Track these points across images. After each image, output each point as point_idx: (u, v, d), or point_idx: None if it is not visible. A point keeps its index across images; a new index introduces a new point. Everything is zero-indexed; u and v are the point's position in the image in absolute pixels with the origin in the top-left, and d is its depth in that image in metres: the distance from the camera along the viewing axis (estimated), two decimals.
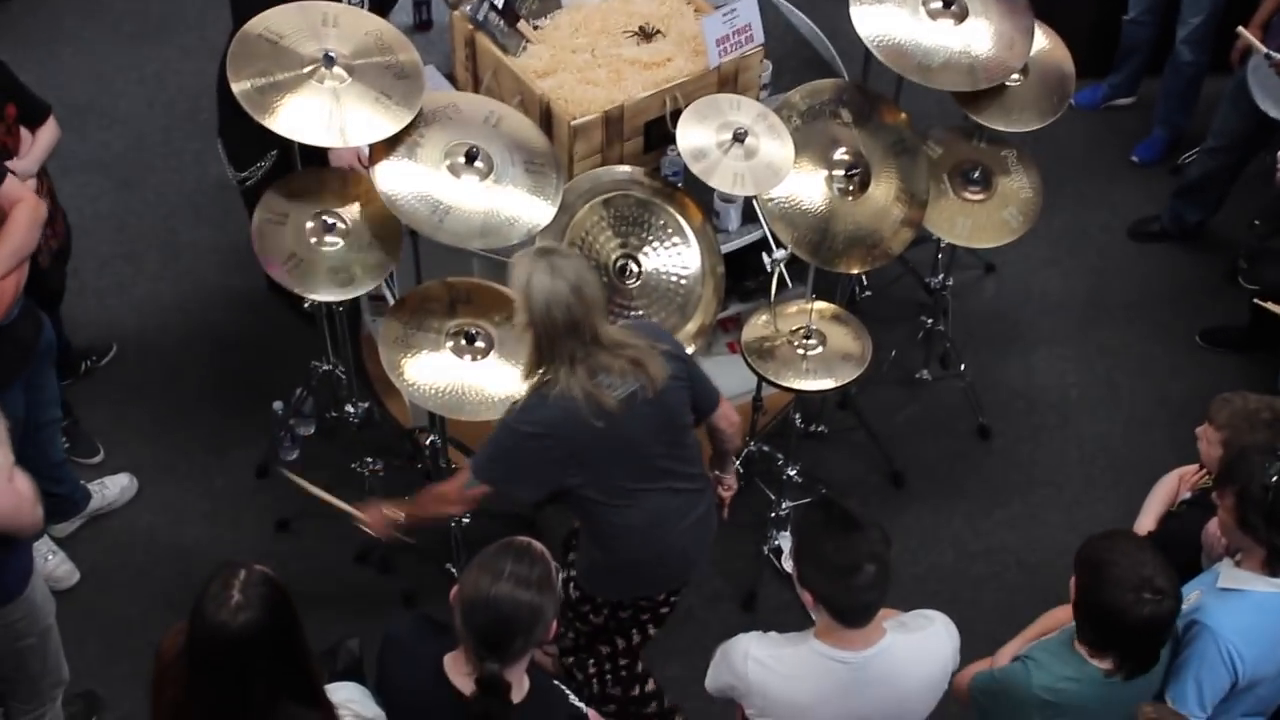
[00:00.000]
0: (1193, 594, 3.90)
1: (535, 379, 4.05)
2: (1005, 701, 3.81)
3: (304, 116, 4.54)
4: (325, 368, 5.44)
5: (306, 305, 5.17)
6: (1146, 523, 4.49)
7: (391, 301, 4.96)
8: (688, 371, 4.21)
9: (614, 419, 4.00)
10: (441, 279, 4.81)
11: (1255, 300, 5.20)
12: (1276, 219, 5.36)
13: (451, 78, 5.42)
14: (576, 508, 4.28)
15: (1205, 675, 3.76)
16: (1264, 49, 5.84)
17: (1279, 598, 3.77)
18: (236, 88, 4.53)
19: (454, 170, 4.66)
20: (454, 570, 5.31)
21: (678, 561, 4.43)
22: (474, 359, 4.68)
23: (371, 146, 4.67)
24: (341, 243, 4.72)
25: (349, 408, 5.34)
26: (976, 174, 5.38)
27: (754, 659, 3.63)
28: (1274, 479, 3.64)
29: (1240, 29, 6.01)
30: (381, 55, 4.71)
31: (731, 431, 4.46)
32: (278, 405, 5.77)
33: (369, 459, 5.39)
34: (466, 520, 5.25)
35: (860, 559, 3.45)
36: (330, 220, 4.74)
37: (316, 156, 5.04)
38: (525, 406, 4.05)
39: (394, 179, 4.62)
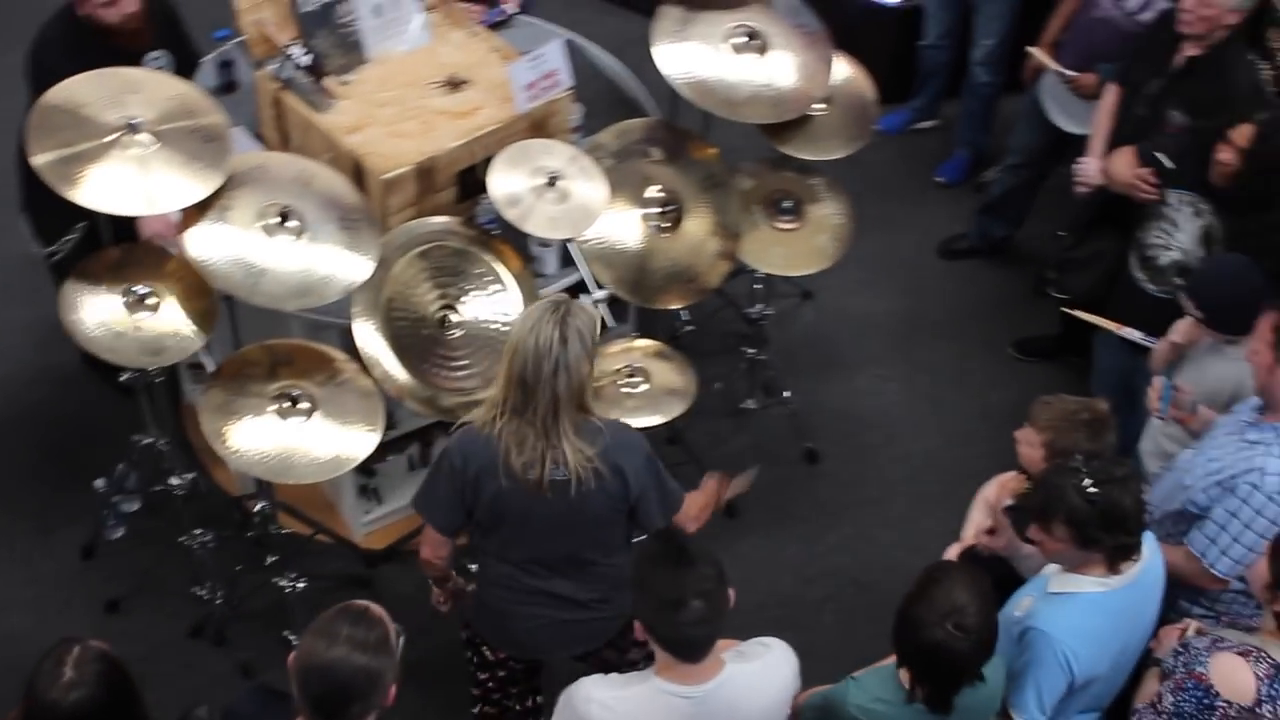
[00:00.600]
0: (1024, 600, 3.99)
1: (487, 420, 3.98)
2: (825, 718, 3.85)
3: (110, 186, 4.47)
4: (147, 441, 5.32)
5: (123, 378, 5.06)
6: (971, 532, 4.59)
7: (210, 369, 4.87)
8: (636, 479, 4.03)
9: (513, 488, 3.95)
10: (261, 342, 4.75)
11: (1064, 309, 5.34)
12: (1082, 230, 5.52)
13: (260, 138, 5.35)
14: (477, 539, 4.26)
15: (1044, 679, 3.85)
16: (1054, 65, 6.05)
17: (1107, 596, 3.86)
18: (37, 160, 4.44)
19: (267, 231, 4.61)
20: (291, 637, 5.22)
21: (517, 635, 4.36)
22: (299, 420, 4.61)
23: (182, 212, 4.59)
24: (155, 314, 4.62)
25: (174, 480, 5.23)
26: (787, 203, 5.46)
27: (596, 701, 3.60)
28: (1090, 489, 3.73)
29: (1030, 48, 6.21)
30: (187, 119, 4.64)
31: (697, 525, 4.38)
32: (100, 482, 5.63)
33: (198, 531, 5.28)
34: (303, 584, 5.18)
35: (686, 594, 3.44)
36: (143, 291, 4.64)
37: (126, 226, 4.94)
38: (458, 438, 4.04)
39: (206, 244, 4.55)
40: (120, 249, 4.75)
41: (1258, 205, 4.81)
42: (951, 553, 4.53)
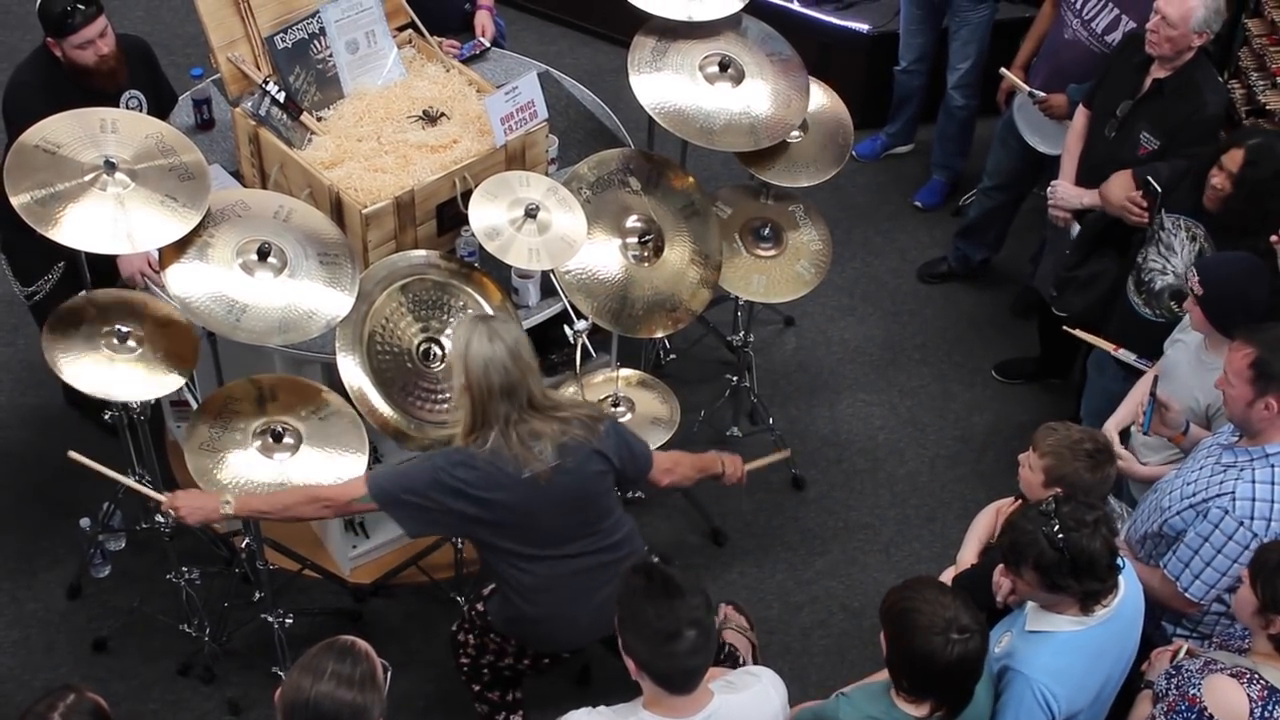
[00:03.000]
0: (1003, 638, 3.95)
1: (466, 442, 4.16)
2: None
3: (88, 225, 4.46)
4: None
5: (108, 416, 5.04)
6: (968, 556, 4.57)
7: (194, 405, 4.86)
8: (613, 452, 4.30)
9: (525, 487, 4.12)
10: (246, 377, 4.74)
11: (1065, 328, 5.34)
12: (1085, 248, 5.53)
13: (238, 175, 5.36)
14: (486, 553, 4.36)
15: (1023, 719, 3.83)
16: (1026, 88, 6.08)
17: (1084, 634, 3.82)
18: (16, 201, 4.44)
19: (247, 268, 4.61)
20: (280, 673, 5.20)
21: (567, 630, 4.49)
22: (284, 455, 4.60)
23: (161, 250, 4.59)
24: (136, 352, 4.61)
25: (159, 517, 5.19)
26: (767, 231, 5.48)
27: None
28: (1058, 535, 3.72)
29: (1003, 70, 6.25)
30: (164, 157, 4.65)
31: (672, 481, 4.64)
32: (85, 522, 5.61)
33: (184, 568, 5.26)
34: (290, 620, 5.16)
35: (681, 625, 3.43)
36: (124, 329, 4.63)
37: (105, 265, 4.94)
38: (453, 460, 4.14)
39: (186, 281, 4.55)
40: (100, 288, 4.74)
41: (1247, 230, 4.81)
42: (946, 577, 4.51)
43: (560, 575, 4.36)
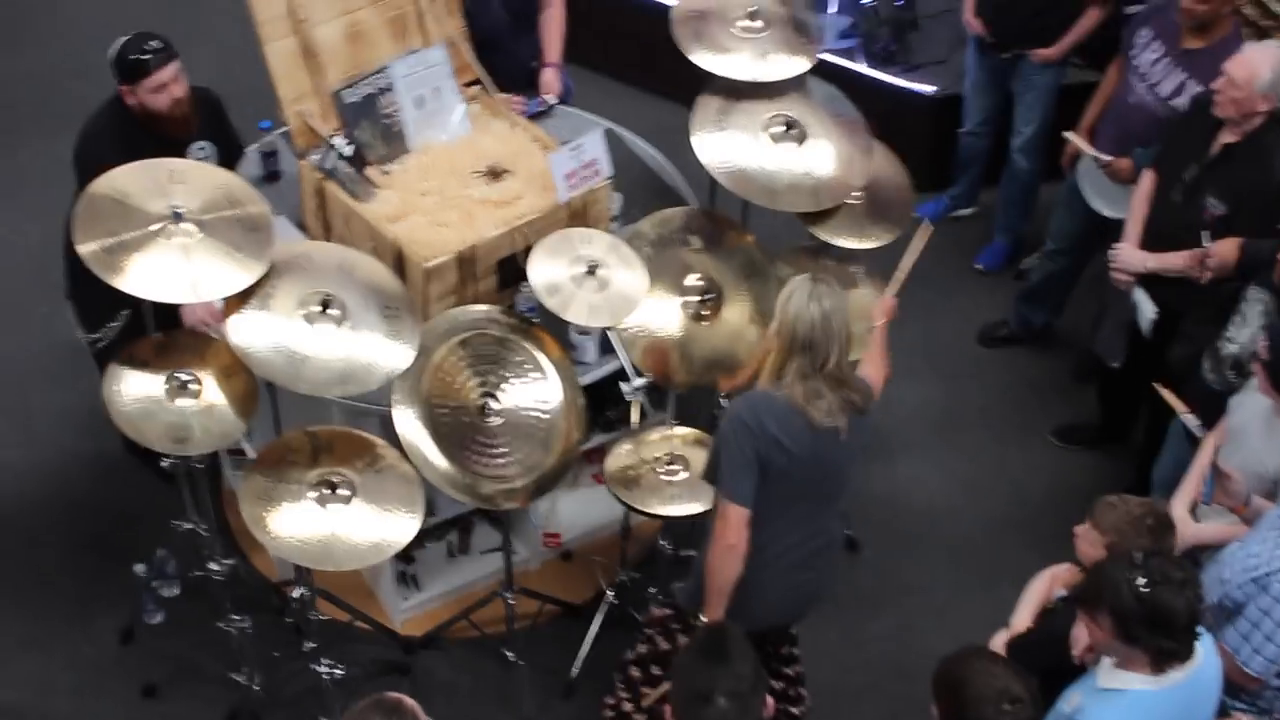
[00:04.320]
0: (1073, 695, 3.93)
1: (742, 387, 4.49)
2: None
3: (154, 274, 4.50)
4: (187, 526, 5.32)
5: (165, 464, 5.08)
6: (1022, 620, 4.54)
7: (251, 455, 4.89)
8: (868, 433, 4.61)
9: (810, 440, 4.32)
10: (302, 428, 4.77)
11: (1154, 384, 5.28)
12: (1204, 312, 5.49)
13: (303, 227, 5.41)
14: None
15: None
16: (1092, 151, 6.06)
17: (1157, 695, 3.78)
18: (83, 249, 4.48)
19: (309, 319, 4.64)
20: None
21: (781, 599, 4.64)
22: (338, 507, 4.62)
23: (224, 300, 4.63)
24: (196, 400, 4.65)
25: (213, 565, 5.23)
26: None
27: None
28: (1142, 587, 3.68)
29: (1068, 134, 6.23)
30: (230, 208, 4.69)
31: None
32: (140, 568, 5.65)
33: (236, 616, 5.28)
34: (340, 671, 5.16)
35: (714, 691, 3.39)
36: (185, 377, 4.67)
37: (170, 314, 4.98)
38: (752, 401, 4.36)
39: (248, 331, 4.58)
40: (164, 335, 4.79)
41: None
42: (998, 641, 4.48)
43: (785, 543, 4.52)
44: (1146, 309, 5.61)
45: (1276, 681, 4.24)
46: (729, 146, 5.31)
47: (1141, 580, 3.67)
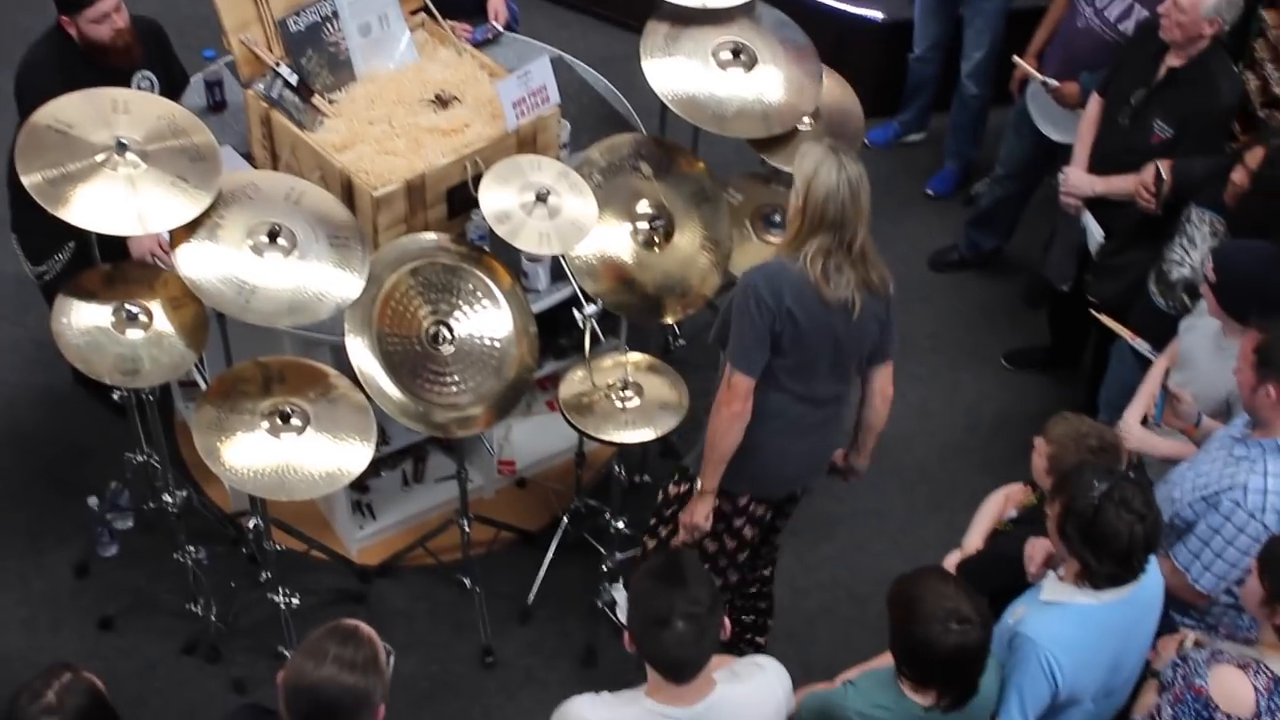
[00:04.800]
0: (1018, 608, 3.99)
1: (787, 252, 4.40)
2: None
3: (99, 206, 4.47)
4: (140, 459, 5.33)
5: (116, 396, 5.06)
6: (974, 541, 4.59)
7: (203, 386, 4.88)
8: (888, 315, 4.57)
9: (823, 314, 4.35)
10: (253, 359, 4.76)
11: (1092, 311, 5.33)
12: (1123, 238, 5.52)
13: (249, 157, 5.37)
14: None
15: (1026, 685, 3.85)
16: (1040, 76, 6.07)
17: (1097, 610, 3.85)
18: (27, 180, 4.45)
19: (257, 249, 4.62)
20: (285, 653, 5.22)
21: (796, 466, 4.74)
22: (292, 437, 4.62)
23: (172, 231, 4.60)
24: (145, 332, 4.63)
25: (167, 497, 5.23)
26: (777, 217, 5.47)
27: None
28: (1097, 499, 3.74)
29: (1017, 59, 6.24)
30: (176, 139, 4.66)
31: (881, 407, 4.78)
32: (93, 501, 5.64)
33: (191, 548, 5.29)
34: (297, 600, 5.18)
35: (672, 614, 3.40)
36: (134, 309, 4.65)
37: (116, 246, 4.95)
38: (769, 273, 4.37)
39: (197, 262, 4.56)
40: (111, 266, 4.76)
41: (1260, 230, 4.78)
42: (950, 562, 4.54)
43: (800, 413, 4.59)
44: (1095, 232, 5.64)
45: (1226, 598, 4.31)
46: (678, 73, 5.30)
47: (1101, 490, 3.72)
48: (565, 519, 5.67)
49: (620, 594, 5.51)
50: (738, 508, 4.76)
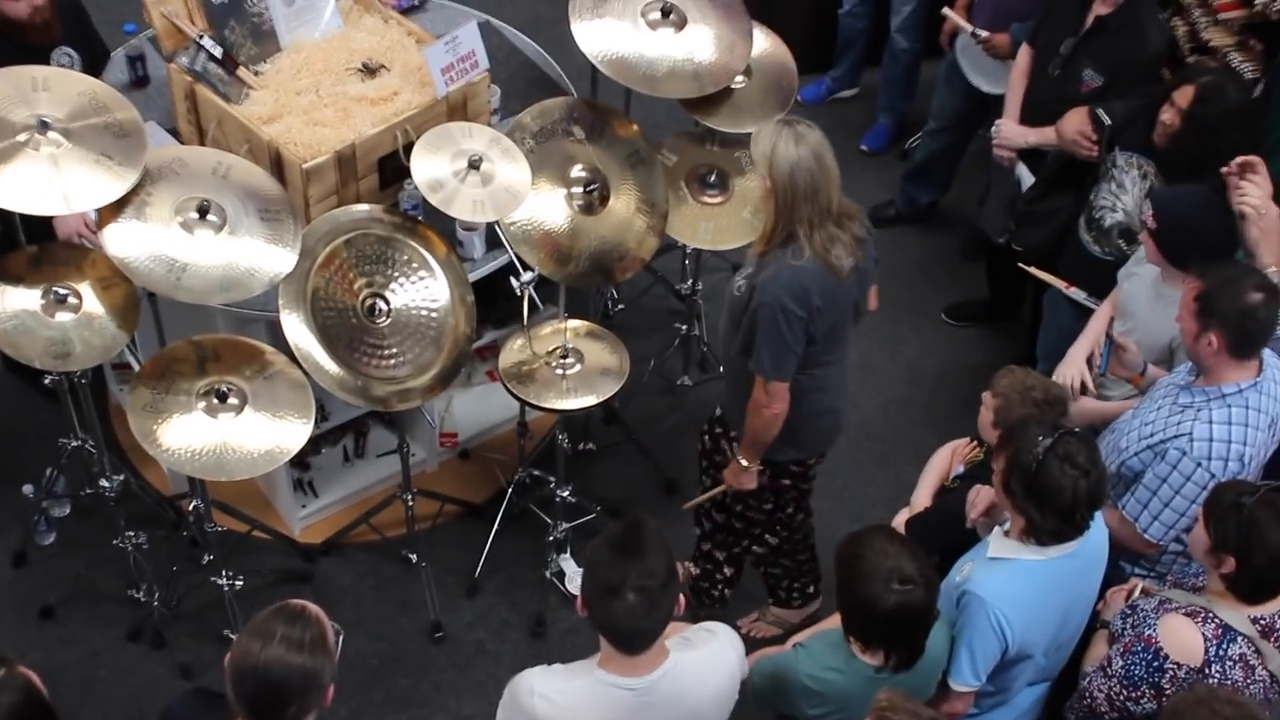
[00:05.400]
0: (965, 566, 4.00)
1: (768, 249, 4.41)
2: (777, 686, 3.84)
3: (22, 186, 4.38)
4: (74, 444, 5.25)
5: (47, 380, 4.99)
6: (922, 499, 4.60)
7: (136, 367, 4.81)
8: (874, 247, 4.63)
9: (839, 289, 4.42)
10: (187, 339, 4.69)
11: (1020, 264, 5.35)
12: (1044, 185, 5.53)
13: (175, 132, 5.29)
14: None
15: (976, 642, 3.86)
16: (969, 27, 6.08)
17: (1044, 565, 3.86)
18: None
19: (187, 226, 4.55)
20: (231, 636, 5.17)
21: (834, 419, 4.88)
22: (229, 416, 4.56)
23: (98, 210, 4.52)
24: (75, 314, 4.55)
25: (104, 482, 5.16)
26: (713, 178, 5.45)
27: (539, 695, 3.53)
28: (1040, 454, 3.74)
29: (946, 10, 6.24)
30: (98, 115, 4.57)
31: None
32: (28, 489, 5.56)
33: (131, 532, 5.22)
34: (240, 582, 5.13)
35: (624, 585, 3.36)
36: (62, 292, 4.56)
37: (41, 227, 4.87)
38: (789, 282, 4.35)
39: (125, 241, 4.49)
40: (38, 248, 4.68)
41: (1194, 169, 4.78)
42: (899, 520, 4.55)
43: (834, 376, 4.74)
44: (1028, 183, 5.66)
45: (1175, 546, 4.34)
46: (608, 34, 5.26)
47: (1045, 445, 3.73)
48: (510, 490, 5.65)
49: (569, 564, 5.50)
50: (785, 471, 4.90)
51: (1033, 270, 5.26)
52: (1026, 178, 5.68)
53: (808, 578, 5.45)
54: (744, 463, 4.77)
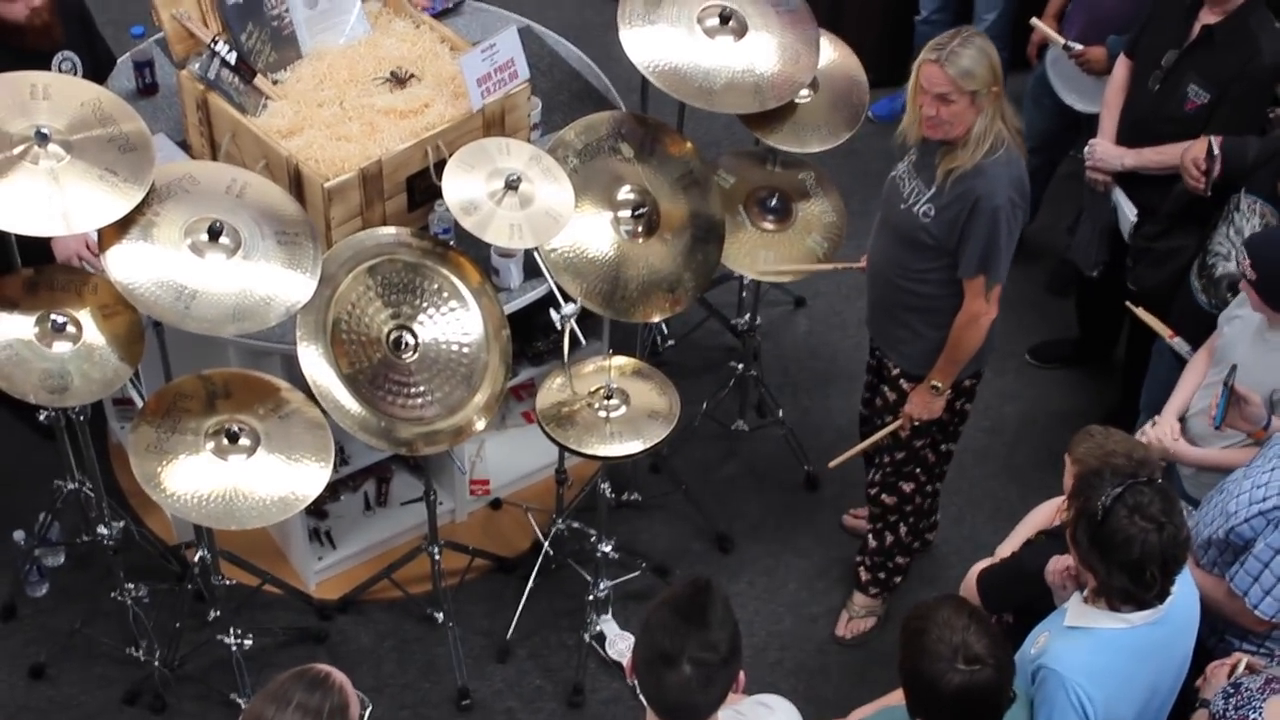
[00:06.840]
0: (1040, 637, 3.94)
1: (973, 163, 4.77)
2: None
3: (18, 204, 4.42)
4: (71, 486, 5.29)
5: (42, 417, 5.02)
6: (1006, 550, 4.55)
7: (139, 404, 4.83)
8: None
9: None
10: (195, 372, 4.72)
11: (1128, 303, 5.30)
12: (1169, 220, 5.49)
13: (185, 145, 5.34)
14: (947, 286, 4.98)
15: None
16: (1061, 39, 6.05)
17: (1127, 634, 3.80)
18: None
19: (197, 249, 4.58)
20: (238, 700, 5.18)
21: (993, 331, 5.14)
22: (240, 459, 4.58)
23: (100, 231, 4.56)
24: (73, 344, 4.58)
25: (102, 529, 5.18)
26: (774, 201, 5.46)
27: None
28: (1108, 502, 3.68)
29: (1035, 21, 6.22)
30: (103, 127, 4.61)
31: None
32: (19, 535, 5.59)
33: (130, 585, 5.24)
34: (249, 641, 5.14)
35: (681, 655, 3.26)
36: (60, 320, 4.59)
37: (39, 249, 4.91)
38: (1010, 174, 4.78)
39: (129, 265, 4.52)
40: (34, 271, 4.72)
41: None
42: (975, 569, 4.50)
43: None
44: (1127, 211, 5.62)
45: None
46: (660, 43, 5.27)
47: (1114, 494, 3.67)
48: (546, 544, 5.64)
49: (610, 627, 5.48)
50: (963, 390, 5.28)
51: (1139, 312, 5.20)
52: (1124, 205, 5.64)
53: (930, 517, 5.82)
54: (939, 385, 5.07)
